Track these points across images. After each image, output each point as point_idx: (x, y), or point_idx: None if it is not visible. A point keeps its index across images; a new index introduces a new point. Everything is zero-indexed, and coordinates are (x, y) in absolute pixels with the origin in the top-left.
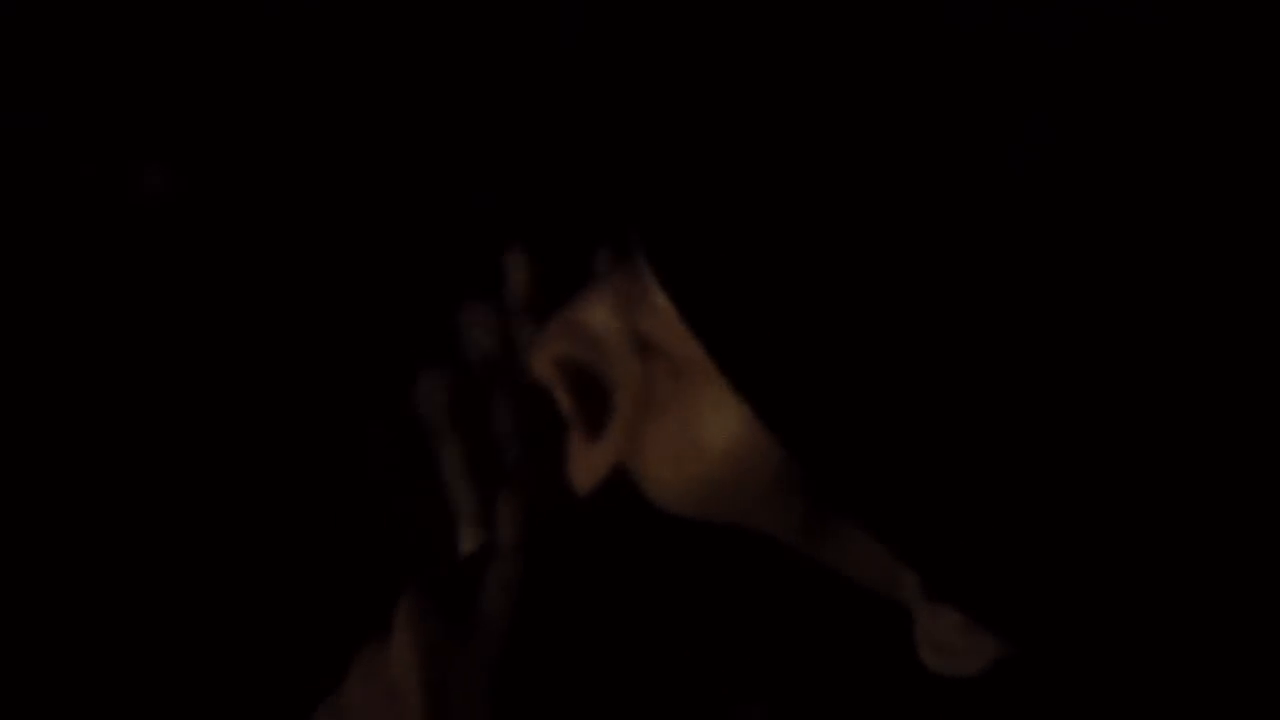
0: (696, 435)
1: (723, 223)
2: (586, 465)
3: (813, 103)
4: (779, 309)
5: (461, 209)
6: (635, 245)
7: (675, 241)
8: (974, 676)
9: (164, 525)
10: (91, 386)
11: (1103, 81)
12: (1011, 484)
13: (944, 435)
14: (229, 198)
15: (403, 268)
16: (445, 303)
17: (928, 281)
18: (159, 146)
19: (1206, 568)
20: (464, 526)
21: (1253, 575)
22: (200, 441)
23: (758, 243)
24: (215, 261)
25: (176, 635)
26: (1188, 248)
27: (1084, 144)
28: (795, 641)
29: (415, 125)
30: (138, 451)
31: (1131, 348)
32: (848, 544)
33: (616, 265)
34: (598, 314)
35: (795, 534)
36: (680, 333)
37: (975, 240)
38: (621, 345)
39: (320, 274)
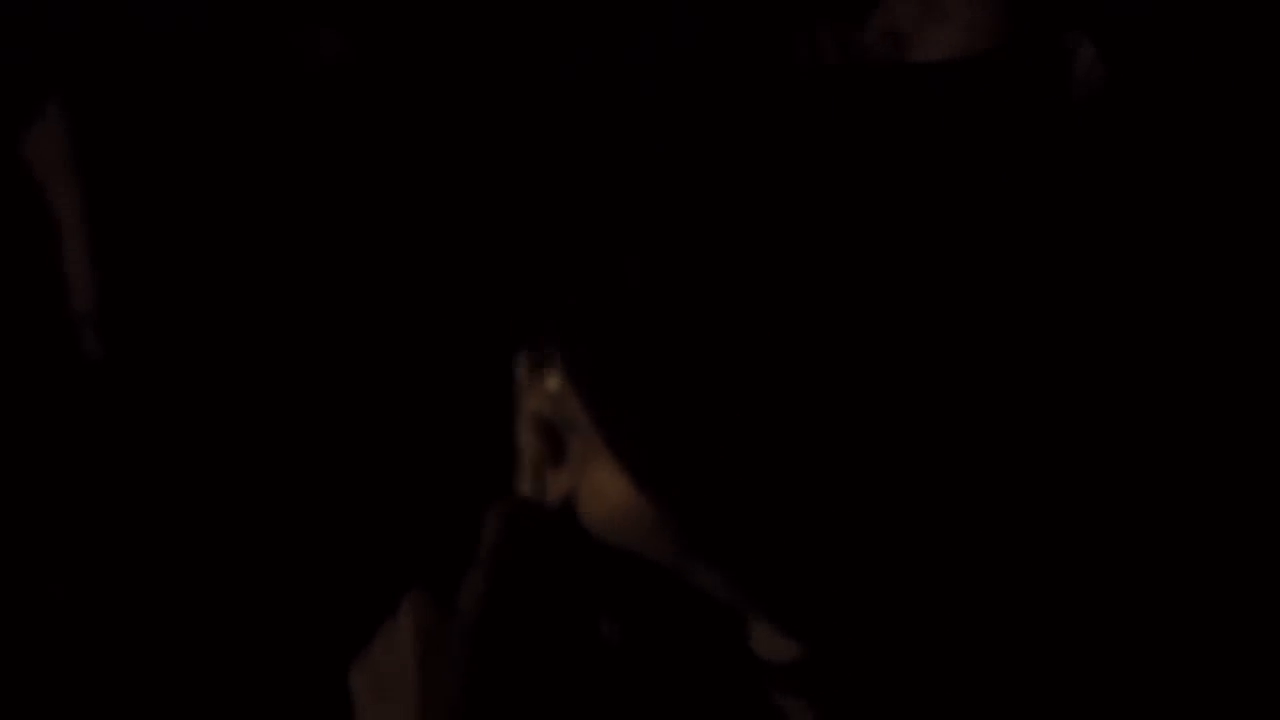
0: (603, 489)
1: (618, 361)
2: (554, 491)
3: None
4: (652, 421)
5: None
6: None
7: (586, 374)
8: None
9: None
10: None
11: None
12: (807, 539)
13: (764, 509)
14: (400, 64)
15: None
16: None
17: (741, 405)
18: (334, 15)
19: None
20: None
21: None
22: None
23: (640, 375)
24: (386, 125)
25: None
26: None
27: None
28: (674, 629)
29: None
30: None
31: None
32: (704, 570)
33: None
34: (555, 384)
35: (672, 561)
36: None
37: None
38: (570, 409)
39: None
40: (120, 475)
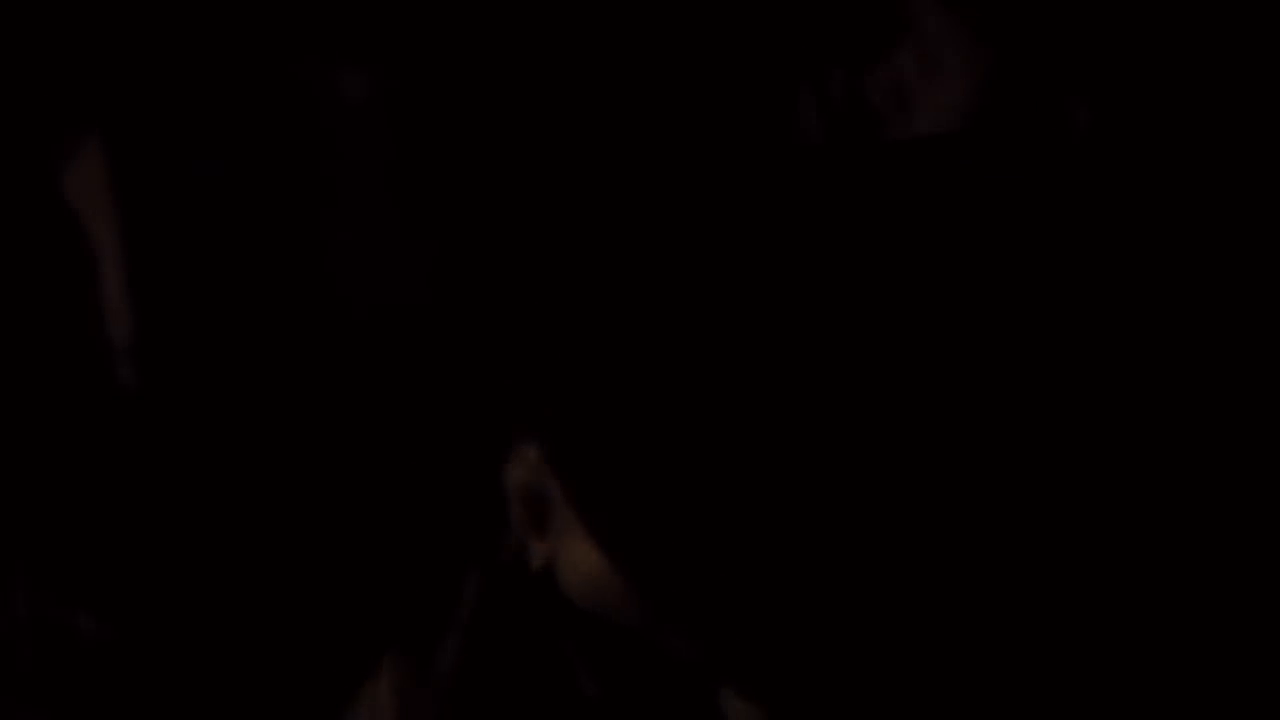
0: (577, 559)
1: (592, 450)
2: (536, 557)
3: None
4: (623, 500)
5: None
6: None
7: (561, 452)
8: None
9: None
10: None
11: None
12: (770, 609)
13: (729, 586)
14: (423, 108)
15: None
16: None
17: (708, 492)
18: (356, 55)
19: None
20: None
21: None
22: None
23: (614, 457)
24: (409, 162)
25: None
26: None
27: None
28: (648, 690)
29: None
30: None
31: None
32: (672, 638)
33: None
34: (537, 454)
35: (643, 626)
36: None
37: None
38: (550, 480)
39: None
40: (154, 506)
